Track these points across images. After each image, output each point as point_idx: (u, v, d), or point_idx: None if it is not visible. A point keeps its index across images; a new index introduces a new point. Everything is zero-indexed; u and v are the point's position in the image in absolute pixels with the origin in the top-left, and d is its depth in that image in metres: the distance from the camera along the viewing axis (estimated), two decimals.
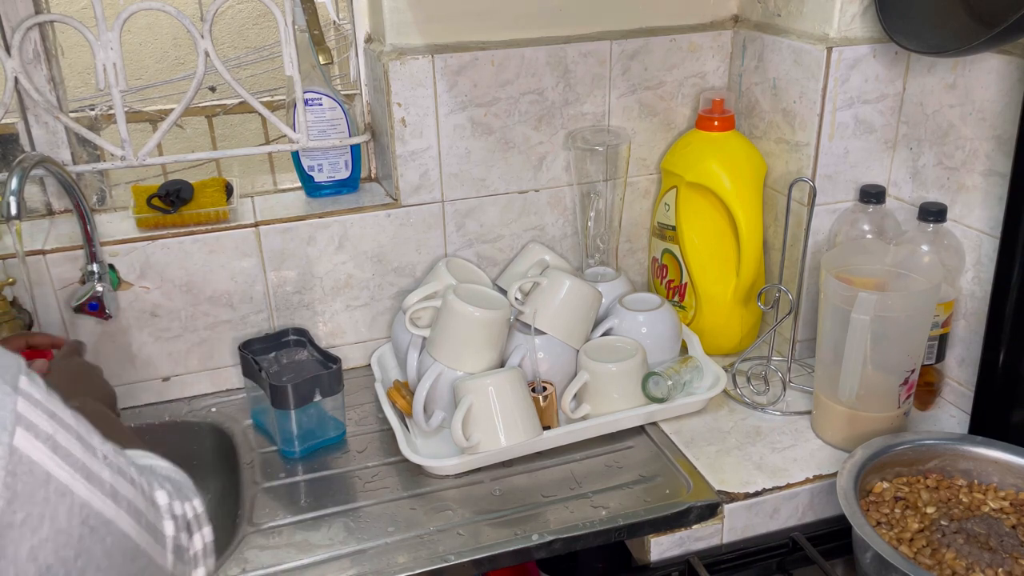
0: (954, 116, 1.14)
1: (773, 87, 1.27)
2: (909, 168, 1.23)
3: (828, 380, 1.13)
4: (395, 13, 1.22)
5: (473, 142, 1.29)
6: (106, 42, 1.15)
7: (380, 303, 1.35)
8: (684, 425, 1.20)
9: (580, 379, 1.17)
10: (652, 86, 1.35)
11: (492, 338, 1.15)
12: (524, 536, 1.01)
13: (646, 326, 1.24)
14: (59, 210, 1.30)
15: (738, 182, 1.27)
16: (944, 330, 1.18)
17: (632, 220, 1.43)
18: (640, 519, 1.03)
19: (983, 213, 1.12)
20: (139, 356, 1.27)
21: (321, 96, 1.27)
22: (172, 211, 1.23)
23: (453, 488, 1.09)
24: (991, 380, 1.08)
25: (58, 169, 1.12)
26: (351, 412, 1.25)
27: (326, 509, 1.07)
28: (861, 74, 1.18)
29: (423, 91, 1.24)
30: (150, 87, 3.15)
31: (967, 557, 0.91)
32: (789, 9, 1.24)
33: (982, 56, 1.08)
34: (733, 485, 1.08)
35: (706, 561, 1.04)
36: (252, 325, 1.30)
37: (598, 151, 1.32)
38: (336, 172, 1.33)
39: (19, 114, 1.23)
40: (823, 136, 1.20)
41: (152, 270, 1.23)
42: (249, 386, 1.24)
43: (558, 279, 1.20)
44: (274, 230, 1.26)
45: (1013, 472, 1.02)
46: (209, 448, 1.25)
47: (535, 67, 1.28)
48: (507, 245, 1.38)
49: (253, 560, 0.99)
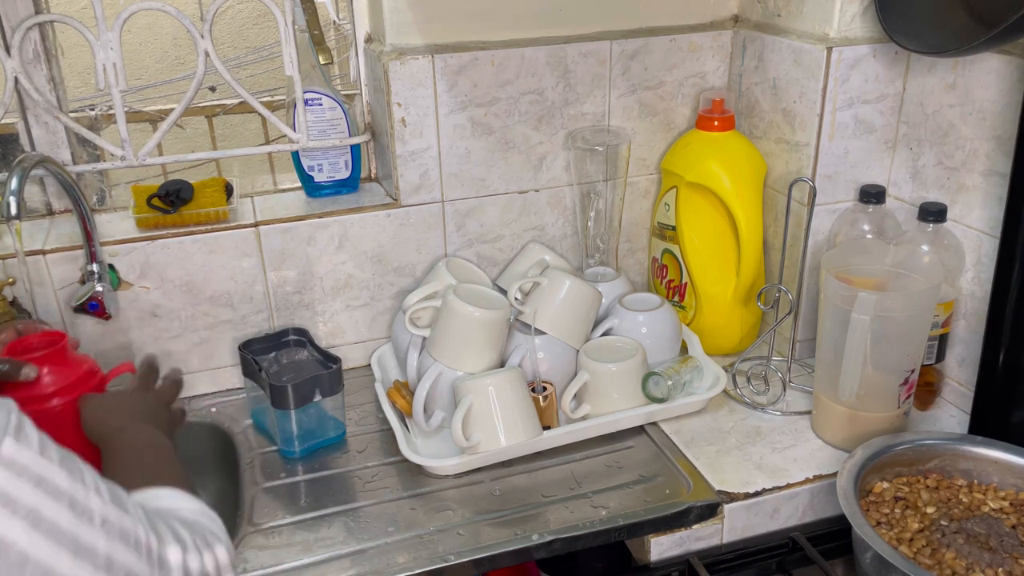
0: (954, 116, 1.14)
1: (773, 87, 1.27)
2: (909, 168, 1.23)
3: (828, 380, 1.13)
4: (395, 13, 1.22)
5: (473, 142, 1.29)
6: (106, 42, 1.15)
7: (380, 303, 1.35)
8: (684, 425, 1.20)
9: (580, 379, 1.17)
10: (652, 86, 1.35)
11: (492, 338, 1.15)
12: (524, 536, 1.01)
13: (646, 326, 1.24)
14: (59, 210, 1.30)
15: (738, 182, 1.27)
16: (944, 330, 1.18)
17: (632, 220, 1.43)
18: (640, 519, 1.03)
19: (983, 213, 1.12)
20: (139, 356, 1.26)
21: (321, 96, 1.27)
22: (172, 211, 1.23)
23: (453, 488, 1.09)
24: (991, 380, 1.08)
25: (58, 169, 1.12)
26: (351, 412, 1.25)
27: (326, 509, 1.07)
28: (861, 74, 1.18)
29: (423, 91, 1.24)
30: (150, 87, 3.15)
31: (967, 557, 0.91)
32: (789, 9, 1.24)
33: (982, 56, 1.08)
34: (733, 485, 1.08)
35: (706, 561, 1.04)
36: (252, 325, 1.30)
37: (598, 151, 1.32)
38: (336, 172, 1.33)
39: (19, 114, 1.23)
40: (823, 136, 1.20)
41: (152, 270, 1.23)
42: (249, 386, 1.24)
43: (558, 279, 1.20)
44: (274, 230, 1.26)
45: (1013, 472, 1.02)
46: (209, 448, 1.25)
47: (535, 67, 1.28)
48: (507, 245, 1.38)
49: (253, 560, 0.99)
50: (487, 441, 1.09)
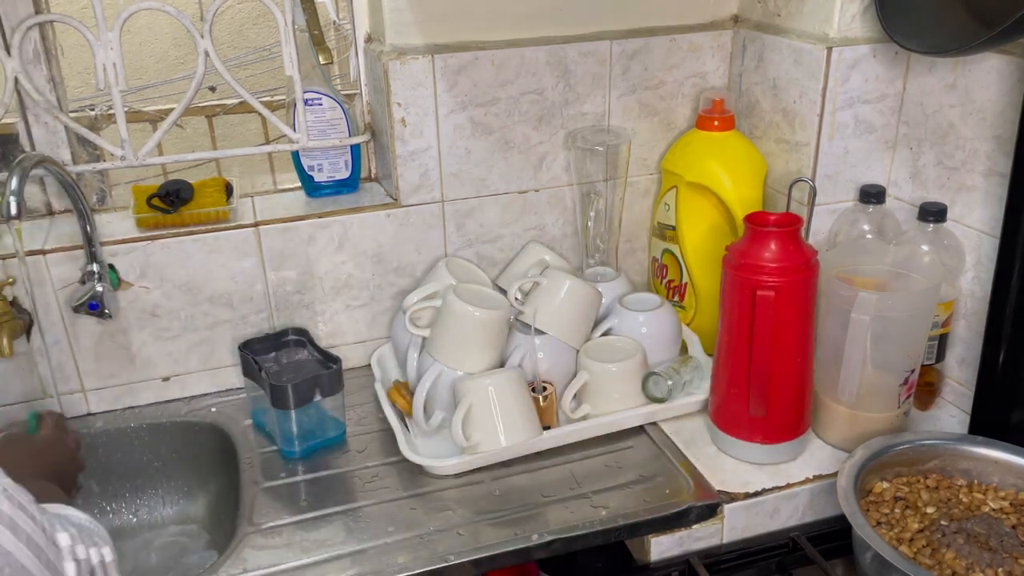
0: (954, 116, 1.14)
1: (773, 87, 1.27)
2: (909, 168, 1.23)
3: (828, 380, 1.13)
4: (395, 13, 1.22)
5: (473, 142, 1.29)
6: (106, 42, 1.15)
7: (380, 303, 1.35)
8: (684, 425, 1.20)
9: (580, 379, 1.17)
10: (652, 86, 1.35)
11: (492, 338, 1.15)
12: (524, 536, 1.01)
13: (646, 326, 1.24)
14: (59, 210, 1.30)
15: (738, 182, 1.27)
16: (944, 330, 1.18)
17: (632, 220, 1.43)
18: (640, 519, 1.03)
19: (983, 213, 1.12)
20: (139, 356, 1.27)
21: (321, 96, 1.27)
22: (172, 211, 1.23)
23: (453, 488, 1.09)
24: (991, 380, 1.08)
25: (58, 169, 1.12)
26: (351, 412, 1.25)
27: (326, 509, 1.07)
28: (861, 74, 1.18)
29: (423, 91, 1.24)
30: (150, 87, 3.15)
31: (967, 557, 0.91)
32: (789, 9, 1.24)
33: (982, 56, 1.08)
34: (733, 485, 1.08)
35: (706, 561, 1.04)
36: (252, 325, 1.30)
37: (598, 151, 1.32)
38: (336, 172, 1.33)
39: (19, 114, 1.23)
40: (823, 136, 1.20)
41: (152, 270, 1.23)
42: (249, 386, 1.24)
43: (558, 279, 1.20)
44: (274, 230, 1.26)
45: (1013, 472, 1.02)
46: (209, 448, 1.25)
47: (535, 67, 1.28)
48: (507, 245, 1.38)
49: (253, 560, 0.99)
50: (487, 441, 1.09)
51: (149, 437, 1.25)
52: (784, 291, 1.02)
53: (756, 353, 1.04)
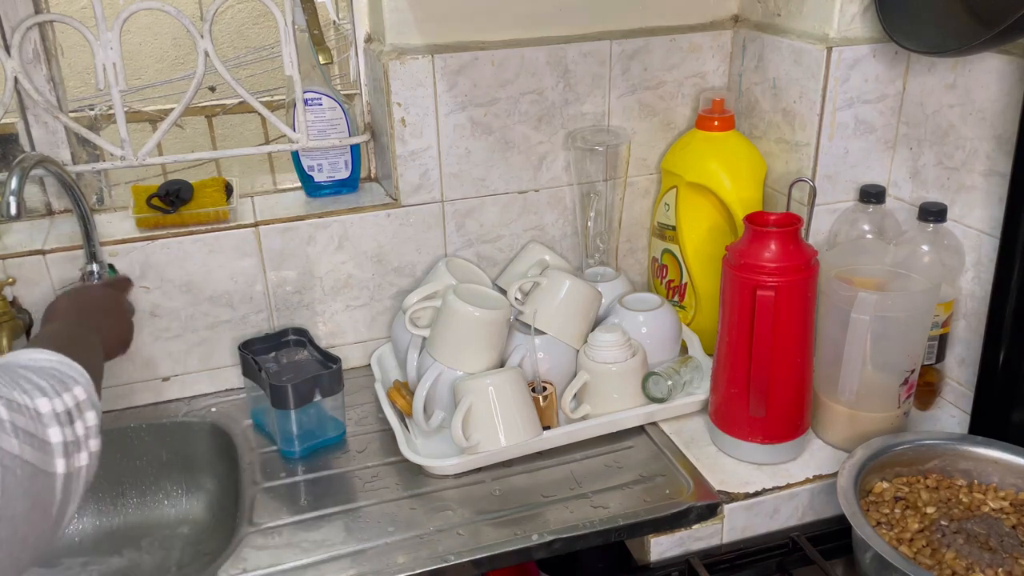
0: (954, 116, 1.14)
1: (773, 87, 1.27)
2: (909, 168, 1.23)
3: (828, 380, 1.13)
4: (395, 13, 1.22)
5: (473, 142, 1.29)
6: (106, 42, 1.15)
7: (380, 303, 1.35)
8: (684, 425, 1.20)
9: (580, 379, 1.17)
10: (652, 86, 1.35)
11: (492, 338, 1.15)
12: (524, 536, 1.01)
13: (646, 326, 1.24)
14: (59, 210, 1.30)
15: (738, 182, 1.27)
16: (944, 330, 1.18)
17: (632, 220, 1.43)
18: (640, 519, 1.03)
19: (983, 213, 1.12)
20: (139, 356, 1.27)
21: (321, 96, 1.27)
22: (172, 211, 1.23)
23: (453, 488, 1.09)
24: (991, 380, 1.08)
25: (58, 169, 1.12)
26: (351, 412, 1.25)
27: (326, 509, 1.07)
28: (861, 74, 1.18)
29: (423, 91, 1.24)
30: (150, 87, 3.14)
31: (967, 557, 0.91)
32: (789, 9, 1.24)
33: (982, 56, 1.08)
34: (733, 485, 1.08)
35: (706, 561, 1.04)
36: (252, 325, 1.30)
37: (598, 151, 1.32)
38: (336, 172, 1.33)
39: (19, 114, 1.23)
40: (823, 136, 1.20)
41: (152, 270, 1.23)
42: (249, 386, 1.24)
43: (558, 279, 1.20)
44: (274, 230, 1.26)
45: (1013, 472, 1.02)
46: (209, 448, 1.25)
47: (535, 67, 1.28)
48: (507, 245, 1.38)
49: (253, 560, 0.99)
50: (487, 441, 1.09)
51: (149, 437, 1.25)
52: (784, 291, 1.02)
53: (756, 353, 1.04)
